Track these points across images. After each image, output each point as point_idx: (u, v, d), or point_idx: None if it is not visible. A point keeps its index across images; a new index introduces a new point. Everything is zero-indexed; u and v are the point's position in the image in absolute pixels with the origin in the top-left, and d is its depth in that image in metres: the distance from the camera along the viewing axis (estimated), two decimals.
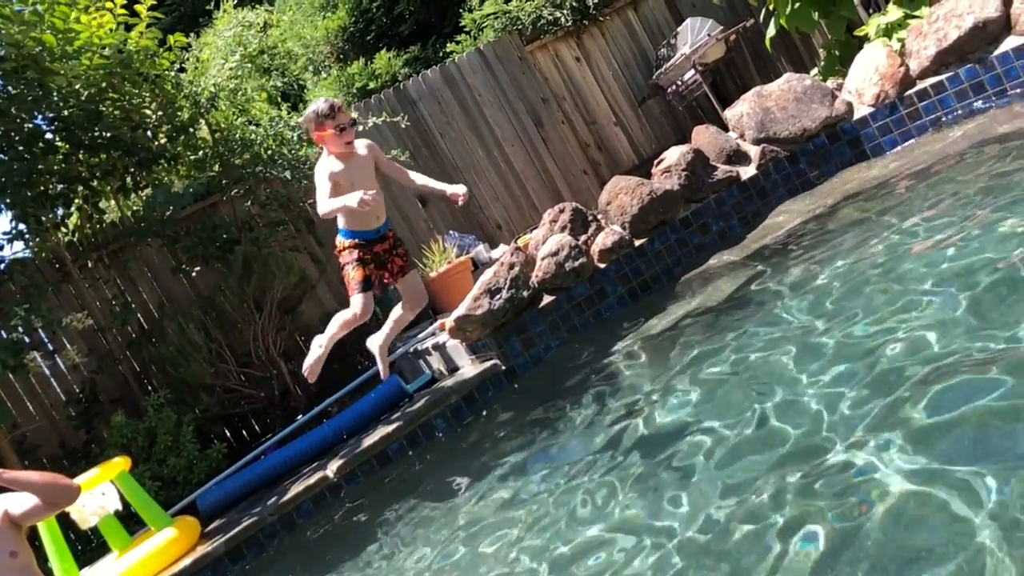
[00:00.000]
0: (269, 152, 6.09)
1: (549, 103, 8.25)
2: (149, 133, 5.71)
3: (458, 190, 4.06)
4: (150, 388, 6.11)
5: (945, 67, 4.97)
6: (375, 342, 4.48)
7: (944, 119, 5.00)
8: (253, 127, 6.17)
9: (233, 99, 6.09)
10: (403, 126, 6.77)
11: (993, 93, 4.77)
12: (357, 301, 4.10)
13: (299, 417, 5.60)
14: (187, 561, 4.16)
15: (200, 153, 6.05)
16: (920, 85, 5.08)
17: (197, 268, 6.13)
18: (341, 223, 4.16)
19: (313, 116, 3.98)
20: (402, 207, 7.48)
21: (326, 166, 3.96)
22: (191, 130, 5.92)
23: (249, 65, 6.33)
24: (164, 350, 5.76)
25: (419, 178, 4.34)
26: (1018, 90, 4.68)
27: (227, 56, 6.19)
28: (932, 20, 4.98)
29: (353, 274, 4.11)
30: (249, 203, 6.55)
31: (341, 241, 4.18)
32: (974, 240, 3.14)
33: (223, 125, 6.04)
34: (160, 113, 5.71)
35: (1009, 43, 4.69)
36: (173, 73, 5.75)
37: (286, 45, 10.16)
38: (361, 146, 4.14)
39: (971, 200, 3.62)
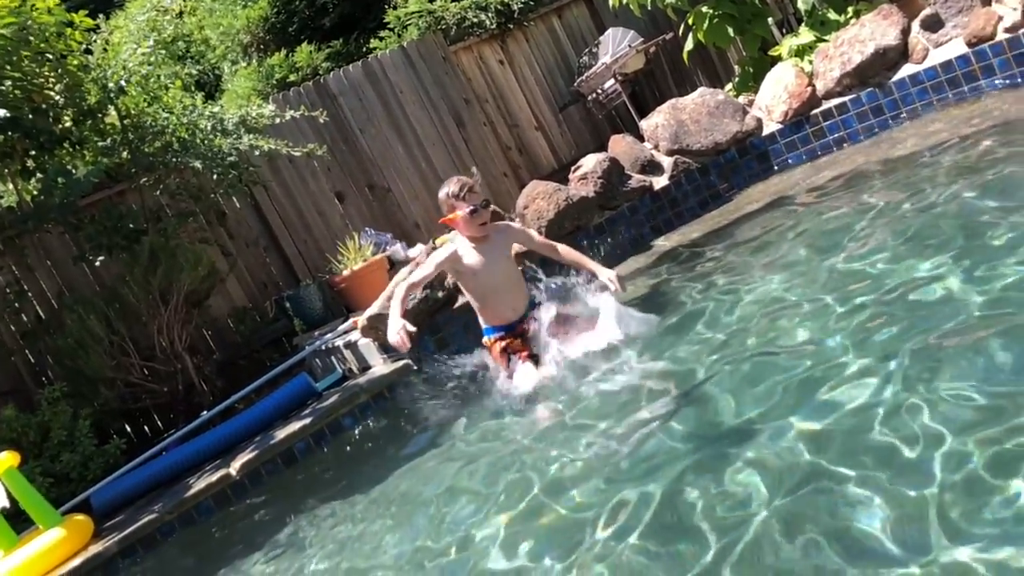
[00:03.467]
0: (181, 141, 5.92)
1: (472, 104, 8.27)
2: (52, 115, 5.48)
3: (611, 275, 3.80)
4: (45, 381, 5.87)
5: (849, 89, 5.21)
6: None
7: (846, 138, 5.23)
8: (165, 115, 5.99)
9: (145, 85, 5.90)
10: (322, 120, 6.67)
11: (890, 116, 5.02)
12: (521, 373, 3.83)
13: (203, 413, 5.46)
14: (77, 561, 4.01)
15: (108, 139, 5.84)
16: (825, 105, 5.31)
17: (101, 258, 5.91)
18: (480, 320, 4.03)
19: (443, 197, 3.87)
20: (318, 202, 7.39)
21: (448, 249, 3.84)
22: (99, 115, 5.71)
23: (163, 51, 6.14)
24: (62, 341, 5.54)
25: (570, 254, 4.08)
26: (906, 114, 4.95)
27: (140, 41, 5.99)
28: (838, 44, 5.21)
29: (511, 364, 3.91)
30: (158, 193, 6.35)
31: (487, 340, 4.04)
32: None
33: (133, 111, 5.84)
34: (65, 95, 5.49)
35: (906, 70, 4.95)
36: (80, 54, 5.53)
37: (203, 33, 9.89)
38: (497, 229, 3.93)
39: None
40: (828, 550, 1.83)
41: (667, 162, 5.52)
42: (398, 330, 3.55)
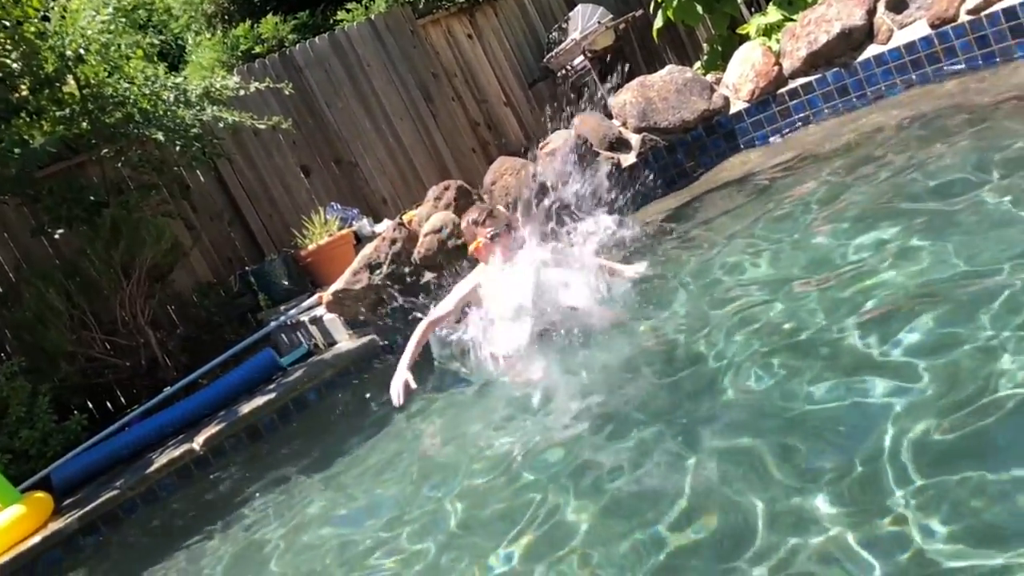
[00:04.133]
0: (143, 112, 5.80)
1: (440, 79, 8.20)
2: (8, 84, 5.34)
3: (638, 269, 3.78)
4: (3, 356, 5.77)
5: (815, 69, 5.24)
6: None
7: (811, 117, 5.28)
8: (126, 85, 5.86)
9: (104, 54, 5.76)
10: (287, 93, 6.57)
11: (855, 96, 5.07)
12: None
13: (167, 388, 5.41)
14: (37, 539, 3.96)
15: (66, 109, 5.71)
16: (792, 84, 5.34)
17: (60, 230, 5.80)
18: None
19: (465, 226, 3.84)
20: (284, 177, 7.30)
21: (469, 283, 3.78)
22: (57, 84, 5.57)
23: (124, 20, 6.00)
24: (20, 315, 5.44)
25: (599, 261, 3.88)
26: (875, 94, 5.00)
27: (99, 8, 5.84)
28: (805, 24, 5.23)
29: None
30: (120, 164, 6.23)
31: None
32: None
33: (93, 81, 5.71)
34: (22, 64, 5.35)
35: (871, 51, 4.99)
36: (37, 21, 5.38)
37: (166, 2, 9.67)
38: (525, 253, 3.72)
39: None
40: None
41: (635, 139, 5.53)
42: (399, 385, 3.53)
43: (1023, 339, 2.09)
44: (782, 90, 5.35)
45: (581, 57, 8.00)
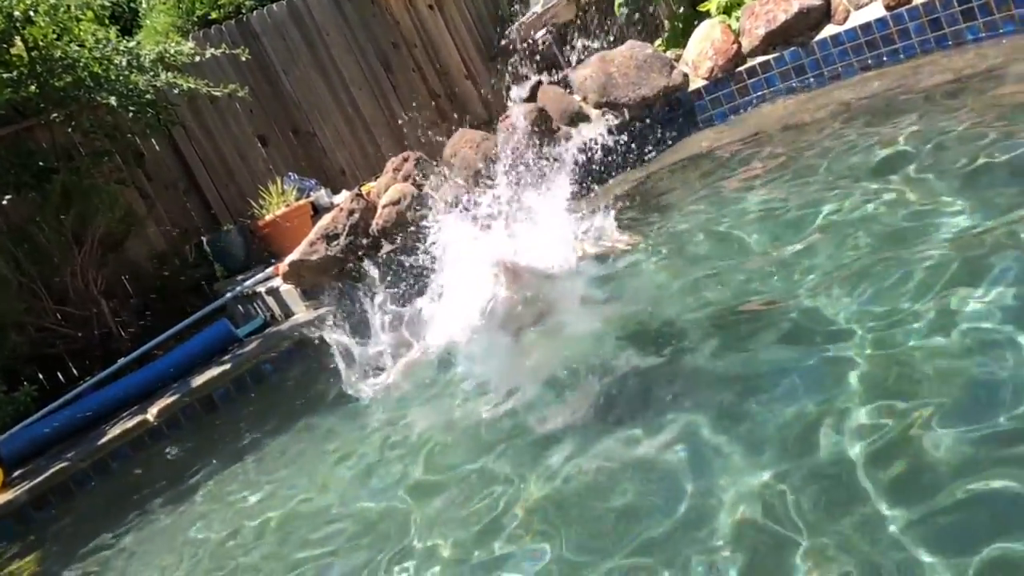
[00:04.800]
0: (94, 76, 5.66)
1: (400, 49, 8.11)
2: None
3: None
4: None
5: (773, 47, 5.29)
6: None
7: (770, 95, 5.34)
8: (77, 48, 5.71)
9: (53, 15, 5.60)
10: (244, 59, 6.46)
11: (812, 75, 5.14)
12: None
13: (120, 360, 5.34)
14: None
15: (14, 71, 5.55)
16: (750, 63, 5.38)
17: (8, 196, 5.66)
18: None
19: None
20: (240, 146, 7.20)
21: None
22: (3, 45, 5.41)
23: None
24: None
25: None
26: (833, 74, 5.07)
27: None
28: (764, 2, 5.27)
29: None
30: (71, 130, 6.08)
31: None
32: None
33: (41, 43, 5.55)
34: None
35: (828, 31, 5.05)
36: None
37: None
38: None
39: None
40: None
41: (595, 114, 5.54)
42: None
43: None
44: (741, 68, 5.39)
45: (543, 30, 7.96)
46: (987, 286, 2.22)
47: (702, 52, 5.47)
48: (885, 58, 4.89)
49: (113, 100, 5.48)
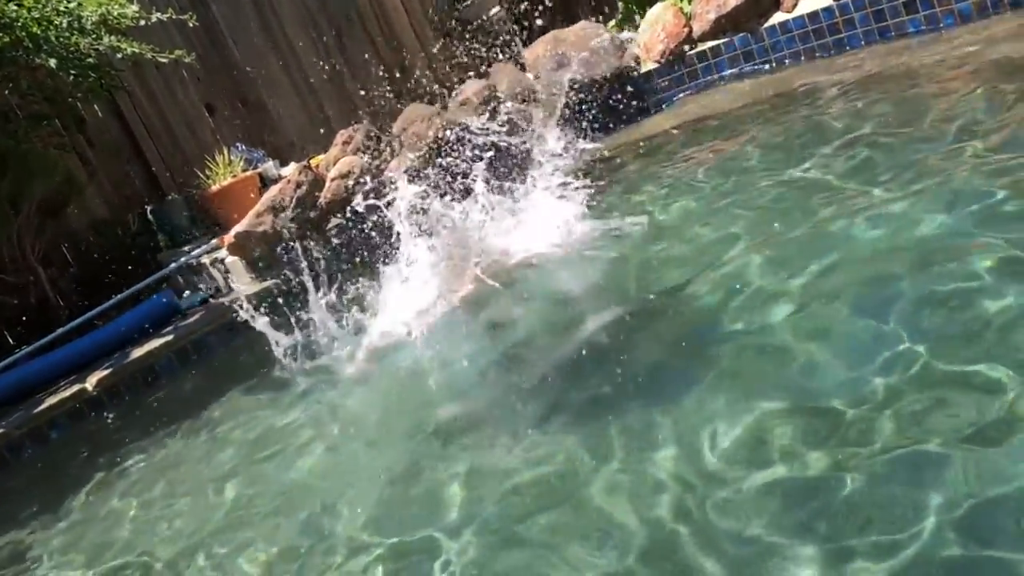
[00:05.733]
0: (32, 36, 5.48)
1: (353, 22, 8.00)
2: None
3: None
4: None
5: (723, 33, 5.37)
6: None
7: (718, 80, 5.42)
8: (14, 7, 5.52)
9: None
10: (192, 25, 6.30)
11: (759, 62, 5.23)
12: None
13: (58, 329, 5.22)
14: None
15: None
16: (701, 47, 5.46)
17: None
18: None
19: None
20: (186, 114, 7.05)
21: None
22: None
23: None
24: None
25: None
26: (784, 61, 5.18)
27: None
28: None
29: None
30: (7, 92, 5.88)
31: None
32: None
33: None
34: None
35: (777, 18, 5.15)
36: None
37: None
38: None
39: None
40: None
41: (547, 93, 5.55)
42: None
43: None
44: (691, 52, 5.46)
45: (497, 8, 7.93)
46: None
47: (654, 35, 5.53)
48: (831, 47, 5.00)
49: (53, 62, 5.31)
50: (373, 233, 4.87)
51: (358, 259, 4.77)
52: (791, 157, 3.66)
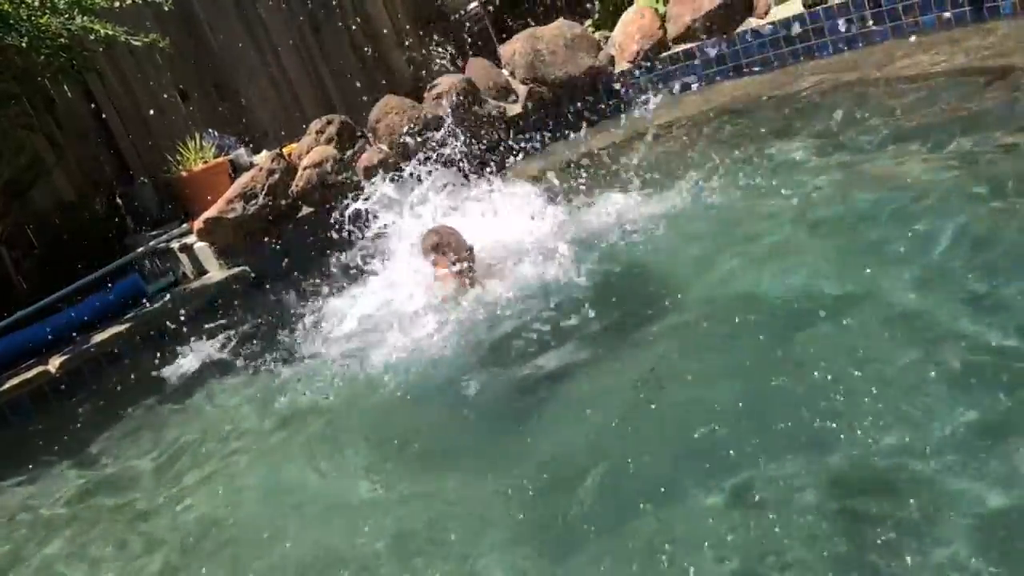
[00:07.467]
0: (2, 15, 5.40)
1: (330, 12, 7.97)
2: None
3: None
4: None
5: (696, 36, 5.44)
6: None
7: (691, 83, 5.49)
8: None
9: None
10: (167, 9, 6.25)
11: (731, 66, 5.31)
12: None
13: (20, 312, 5.15)
14: None
15: None
16: (674, 49, 5.53)
17: None
18: None
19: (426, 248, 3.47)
20: (158, 98, 6.98)
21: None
22: None
23: None
24: None
25: None
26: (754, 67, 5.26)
27: None
28: None
29: None
30: None
31: None
32: None
33: None
34: None
35: (749, 23, 5.23)
36: None
37: None
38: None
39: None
40: None
41: (522, 90, 5.60)
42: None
43: None
44: (665, 54, 5.53)
45: (475, 3, 7.95)
46: None
47: (629, 35, 5.59)
48: (801, 53, 5.09)
49: (24, 41, 5.25)
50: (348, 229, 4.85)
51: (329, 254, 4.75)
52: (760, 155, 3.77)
